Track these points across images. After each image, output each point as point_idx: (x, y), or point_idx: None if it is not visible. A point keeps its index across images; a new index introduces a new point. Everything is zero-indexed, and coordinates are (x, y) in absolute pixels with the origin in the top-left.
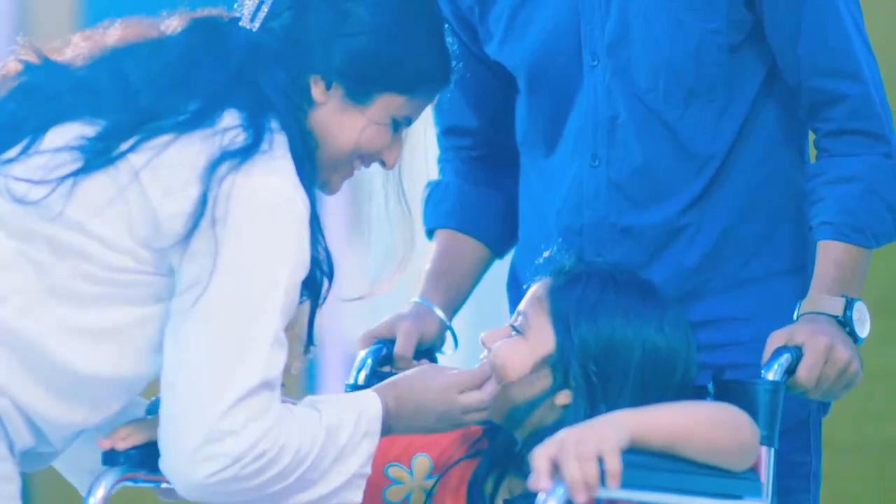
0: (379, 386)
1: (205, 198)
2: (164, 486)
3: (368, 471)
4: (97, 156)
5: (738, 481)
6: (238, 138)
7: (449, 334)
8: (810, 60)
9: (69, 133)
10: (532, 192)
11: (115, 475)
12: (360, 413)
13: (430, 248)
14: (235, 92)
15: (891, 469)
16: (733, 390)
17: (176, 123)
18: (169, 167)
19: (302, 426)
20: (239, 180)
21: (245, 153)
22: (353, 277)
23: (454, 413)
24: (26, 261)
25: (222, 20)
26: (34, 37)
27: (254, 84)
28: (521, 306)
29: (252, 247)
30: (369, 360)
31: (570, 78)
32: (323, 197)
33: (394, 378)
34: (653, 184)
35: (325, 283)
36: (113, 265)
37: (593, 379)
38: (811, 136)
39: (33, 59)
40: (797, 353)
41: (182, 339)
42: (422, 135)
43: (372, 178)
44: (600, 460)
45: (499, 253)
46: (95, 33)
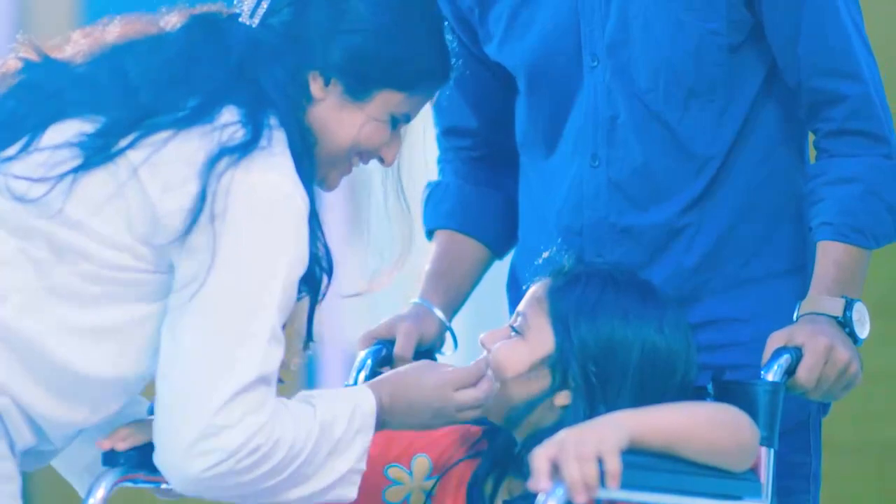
0: (373, 381)
1: (203, 194)
2: (163, 487)
3: (363, 467)
4: (97, 152)
5: (737, 482)
6: (237, 134)
7: (448, 335)
8: (810, 61)
9: (69, 130)
10: (532, 193)
11: (115, 476)
12: (354, 409)
13: (429, 248)
14: (234, 88)
15: (890, 470)
16: (733, 391)
17: (175, 120)
18: (168, 164)
19: (296, 421)
20: (238, 176)
21: (244, 149)
22: (352, 274)
23: (449, 410)
24: (26, 259)
25: (221, 16)
26: (34, 34)
27: (253, 80)
28: (521, 307)
29: (250, 242)
30: (369, 361)
31: (570, 78)
32: (322, 193)
33: (389, 374)
34: (653, 184)
35: (324, 280)
36: (112, 263)
37: (592, 380)
38: (811, 137)
39: (33, 56)
40: (797, 354)
41: (179, 334)
42: (421, 133)
43: (371, 175)
44: (600, 461)
45: (499, 254)
46: (95, 30)
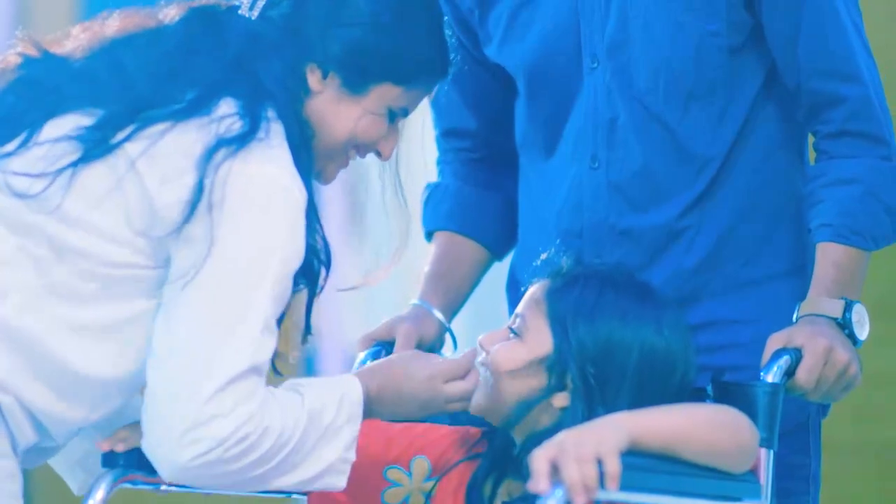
0: (362, 370)
1: (201, 184)
2: (163, 489)
3: (352, 456)
4: (96, 145)
5: (737, 483)
6: (234, 126)
7: (448, 336)
8: (810, 62)
9: (67, 124)
10: (531, 194)
11: (114, 477)
12: (342, 398)
13: (429, 250)
14: (232, 81)
15: (890, 470)
16: (733, 392)
17: (172, 112)
18: (165, 156)
19: (284, 410)
20: (235, 167)
21: (241, 140)
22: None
23: (438, 402)
24: (26, 257)
25: (220, 9)
26: (34, 30)
27: (251, 73)
28: (519, 308)
29: (246, 233)
30: (368, 362)
31: (570, 80)
32: (320, 188)
33: (378, 363)
34: (652, 186)
35: (322, 273)
36: (111, 260)
37: (591, 381)
38: (810, 139)
39: (32, 52)
40: (796, 356)
41: (172, 322)
42: (419, 129)
43: (369, 169)
44: (599, 462)
45: (498, 255)
46: (94, 24)
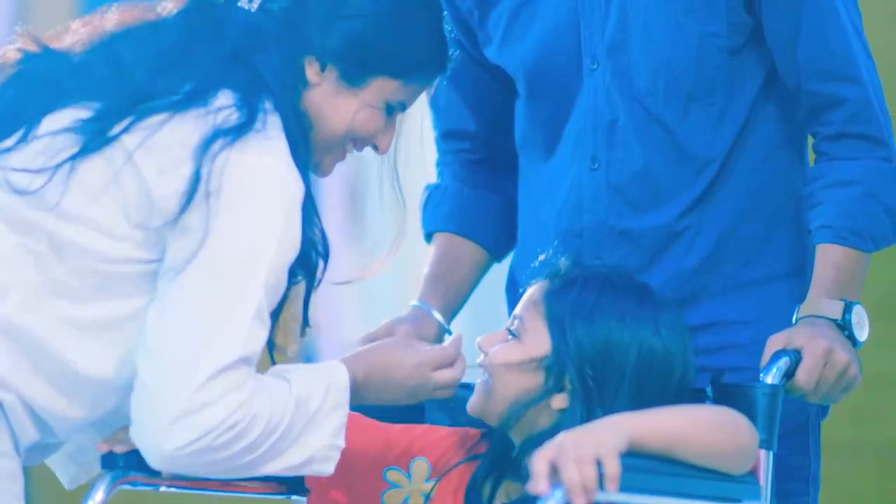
0: (349, 357)
1: (198, 174)
2: (162, 490)
3: (341, 443)
4: (94, 137)
5: (736, 485)
6: (231, 117)
7: (447, 337)
8: (810, 64)
9: (65, 118)
10: (531, 196)
11: (114, 478)
12: (328, 384)
13: (428, 251)
14: (230, 73)
15: (890, 471)
16: (732, 394)
17: (170, 103)
18: (163, 147)
19: (273, 397)
20: (233, 157)
21: (238, 131)
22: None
23: (426, 389)
24: (27, 253)
25: (219, 1)
26: (34, 25)
27: (249, 65)
28: (518, 310)
29: (242, 223)
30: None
31: (570, 81)
32: (320, 184)
33: (366, 349)
34: (652, 187)
35: (320, 265)
36: (111, 256)
37: (589, 382)
38: (810, 140)
39: (32, 47)
40: (796, 357)
41: (165, 309)
42: (419, 130)
43: (368, 165)
44: (599, 464)
45: (497, 256)
46: (94, 19)
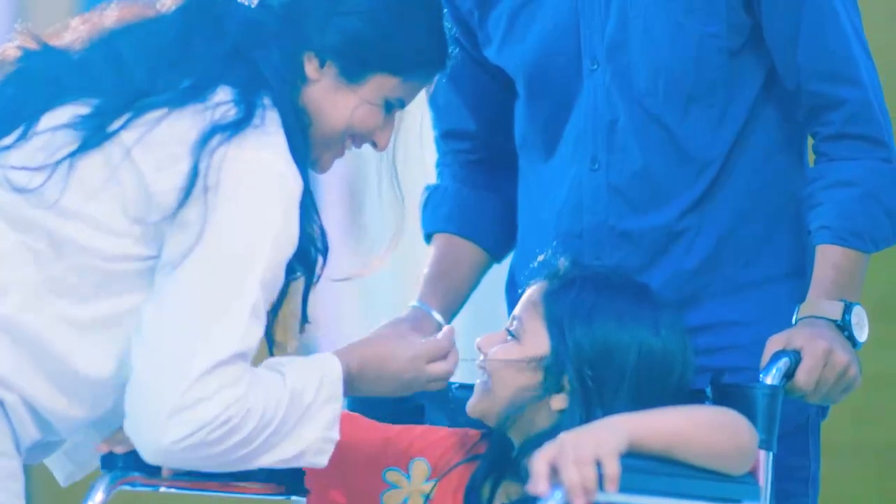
0: (343, 348)
1: (195, 169)
2: (162, 490)
3: (335, 435)
4: (93, 133)
5: (736, 485)
6: (229, 113)
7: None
8: (809, 65)
9: (65, 115)
10: (531, 196)
11: (113, 479)
12: (322, 377)
13: (428, 251)
14: (229, 69)
15: (890, 472)
16: (732, 394)
17: (168, 99)
18: (161, 143)
19: (267, 391)
20: (230, 153)
21: (236, 127)
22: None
23: (420, 382)
24: (27, 251)
25: None
26: (34, 23)
27: (248, 61)
28: (517, 311)
29: (239, 218)
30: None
31: (570, 81)
32: (320, 181)
33: (360, 341)
34: (652, 188)
35: (319, 261)
36: (111, 253)
37: (588, 383)
38: (810, 141)
39: (32, 45)
40: (796, 358)
41: (162, 304)
42: (418, 126)
43: (368, 163)
44: (599, 464)
45: (497, 257)
46: (93, 16)
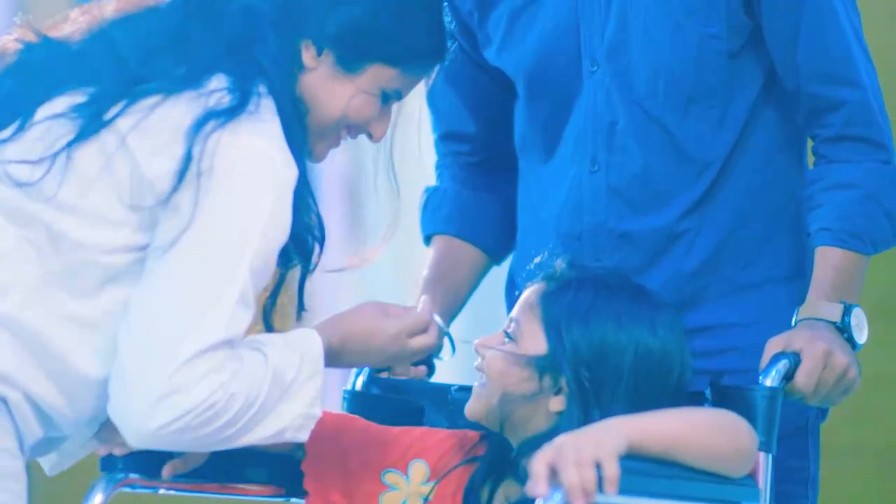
0: (325, 322)
1: (189, 154)
2: (161, 492)
3: (317, 412)
4: (91, 120)
5: (735, 487)
6: (224, 100)
7: (446, 340)
8: (809, 66)
9: (61, 105)
10: (530, 198)
11: (113, 481)
12: (303, 354)
13: (427, 253)
14: (226, 56)
15: (889, 473)
16: (731, 396)
17: (163, 86)
18: (156, 129)
19: (251, 373)
20: (224, 138)
21: (230, 113)
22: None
23: (404, 354)
24: (28, 248)
25: None
26: (34, 15)
27: (246, 48)
28: (514, 312)
29: (231, 204)
30: (367, 367)
31: (570, 83)
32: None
33: (344, 316)
34: (652, 189)
35: (316, 249)
36: (110, 246)
37: (586, 384)
38: (809, 143)
39: (31, 37)
40: (795, 359)
41: (152, 287)
42: (416, 121)
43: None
44: (598, 466)
45: (496, 259)
46: (93, 7)
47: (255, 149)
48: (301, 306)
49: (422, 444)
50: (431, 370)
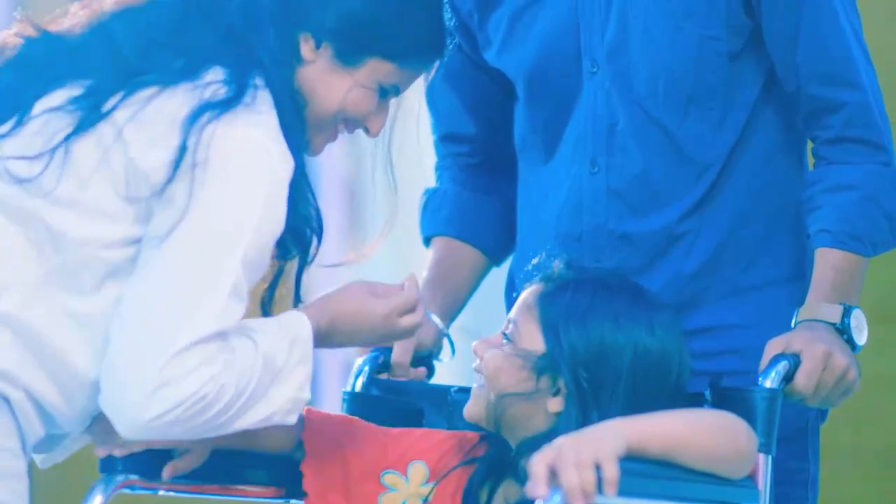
0: (314, 302)
1: (184, 145)
2: (161, 494)
3: (306, 395)
4: (89, 112)
5: (735, 489)
6: (220, 91)
7: (446, 341)
8: (809, 67)
9: (58, 98)
10: (530, 199)
11: (112, 482)
12: (293, 339)
13: (427, 255)
14: (224, 49)
15: (890, 474)
16: (731, 398)
17: (160, 77)
18: (151, 120)
19: (241, 363)
20: (220, 130)
21: (226, 105)
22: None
23: (394, 334)
24: (27, 244)
25: None
26: (34, 10)
27: (244, 41)
28: (512, 313)
29: (225, 196)
30: (366, 368)
31: (570, 84)
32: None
33: (329, 296)
34: (652, 191)
35: (314, 242)
36: (108, 241)
37: (584, 385)
38: (809, 144)
39: (30, 32)
40: (795, 361)
41: (146, 278)
42: (415, 120)
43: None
44: (598, 467)
45: (496, 260)
46: (93, 1)
47: (251, 141)
48: (297, 298)
49: (421, 445)
50: (431, 372)
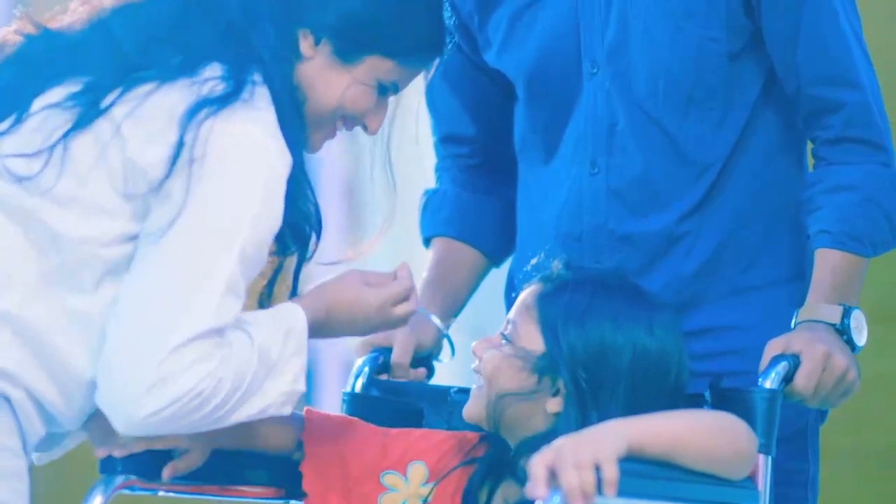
0: (309, 293)
1: (181, 140)
2: (160, 494)
3: (300, 387)
4: (88, 108)
5: (735, 490)
6: (217, 87)
7: (446, 342)
8: (809, 68)
9: (57, 95)
10: (530, 200)
11: (112, 483)
12: (287, 331)
13: (427, 255)
14: (223, 45)
15: (890, 475)
16: (731, 398)
17: (158, 73)
18: (149, 116)
19: (237, 357)
20: (217, 126)
21: (223, 101)
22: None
23: (388, 323)
24: (27, 243)
25: None
26: (34, 7)
27: (243, 37)
28: (511, 314)
29: (223, 192)
30: (366, 369)
31: (570, 85)
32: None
33: (324, 286)
34: (652, 191)
35: (313, 238)
36: (107, 238)
37: (583, 385)
38: (809, 145)
39: (30, 29)
40: (795, 362)
41: (143, 273)
42: (415, 119)
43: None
44: (598, 468)
45: (496, 261)
46: None
47: (248, 137)
48: (294, 294)
49: (421, 445)
50: (431, 372)
